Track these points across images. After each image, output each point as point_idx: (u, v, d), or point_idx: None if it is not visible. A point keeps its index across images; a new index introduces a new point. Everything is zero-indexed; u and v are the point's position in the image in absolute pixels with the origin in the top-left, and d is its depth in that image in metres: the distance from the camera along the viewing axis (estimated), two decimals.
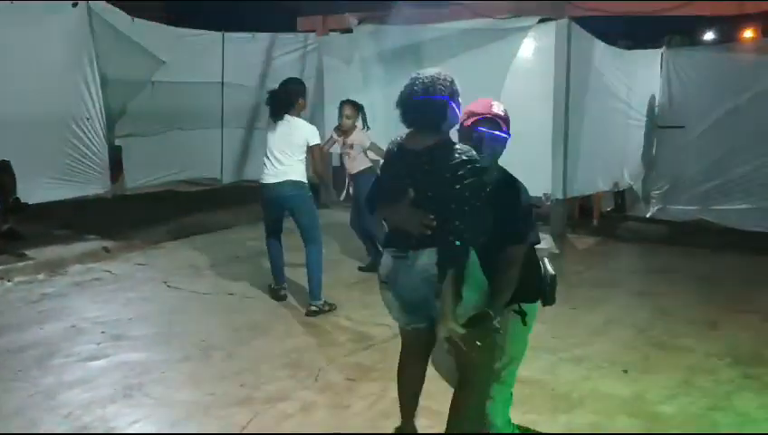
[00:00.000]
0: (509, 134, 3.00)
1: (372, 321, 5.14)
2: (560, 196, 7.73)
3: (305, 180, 5.52)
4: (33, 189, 7.23)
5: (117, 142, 8.53)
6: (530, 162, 7.74)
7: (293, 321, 5.29)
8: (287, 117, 5.50)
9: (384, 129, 7.58)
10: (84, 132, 8.03)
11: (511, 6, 7.63)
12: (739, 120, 7.86)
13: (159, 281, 6.27)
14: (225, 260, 7.03)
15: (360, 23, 8.92)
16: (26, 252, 6.61)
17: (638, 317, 5.37)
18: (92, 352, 4.61)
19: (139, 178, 8.99)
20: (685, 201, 8.43)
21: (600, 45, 7.93)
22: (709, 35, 23.10)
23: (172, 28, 9.15)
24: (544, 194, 7.67)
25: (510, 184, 2.99)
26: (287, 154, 5.43)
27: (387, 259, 2.96)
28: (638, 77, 8.49)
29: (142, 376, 4.23)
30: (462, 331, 2.73)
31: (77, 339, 4.83)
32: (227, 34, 9.83)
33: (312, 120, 6.21)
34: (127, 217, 8.14)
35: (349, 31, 9.12)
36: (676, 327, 5.15)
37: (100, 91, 8.09)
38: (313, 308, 5.42)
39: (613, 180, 8.62)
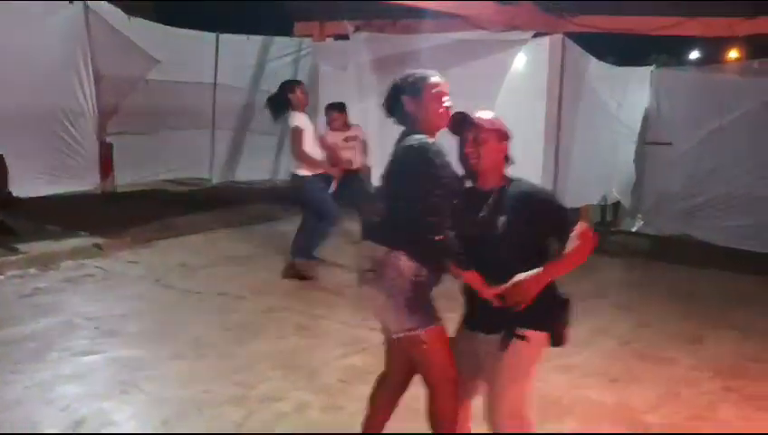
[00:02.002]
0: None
1: (365, 324, 5.24)
2: None
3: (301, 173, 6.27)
4: (24, 184, 7.28)
5: (108, 139, 8.58)
6: (520, 173, 7.97)
7: (286, 323, 5.37)
8: (291, 113, 6.16)
9: (378, 137, 7.77)
10: (76, 128, 8.08)
11: (506, 20, 7.78)
12: (724, 139, 8.03)
13: (151, 279, 6.33)
14: (216, 260, 7.09)
15: (356, 30, 9.03)
16: (18, 246, 6.64)
17: (622, 329, 5.52)
18: (87, 347, 4.67)
19: (129, 175, 9.05)
20: (670, 216, 8.57)
21: (592, 61, 8.11)
22: (695, 54, 23.45)
23: (168, 27, 9.23)
24: None
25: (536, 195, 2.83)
26: None
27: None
28: (628, 93, 8.66)
29: (136, 372, 4.29)
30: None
31: (71, 334, 4.88)
32: (222, 36, 9.92)
33: None
34: (117, 215, 8.18)
35: (345, 37, 9.24)
36: (660, 340, 5.30)
37: (93, 88, 8.15)
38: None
39: (602, 194, 8.78)
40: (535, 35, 7.74)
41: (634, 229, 8.88)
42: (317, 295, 6.11)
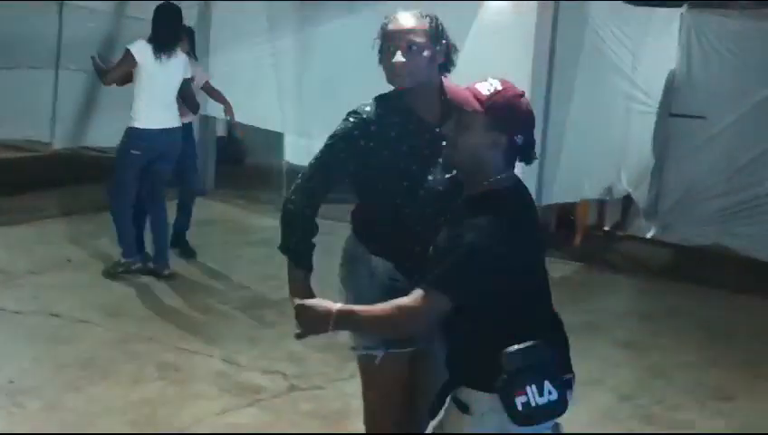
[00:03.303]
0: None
1: (260, 366, 5.20)
2: None
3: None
4: None
5: None
6: None
7: (146, 359, 5.31)
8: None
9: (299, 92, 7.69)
10: None
11: None
12: None
13: None
14: (50, 264, 6.98)
15: None
16: None
17: (623, 377, 5.60)
18: None
19: None
20: (699, 219, 8.64)
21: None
22: None
23: None
24: None
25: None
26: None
27: None
28: (648, 45, 8.71)
29: None
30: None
31: None
32: None
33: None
34: None
35: None
36: (674, 395, 5.38)
37: None
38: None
39: (605, 185, 8.86)
40: None
41: (649, 235, 8.97)
42: (194, 319, 6.05)
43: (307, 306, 2.74)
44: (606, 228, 9.63)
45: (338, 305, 2.73)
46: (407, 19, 3.06)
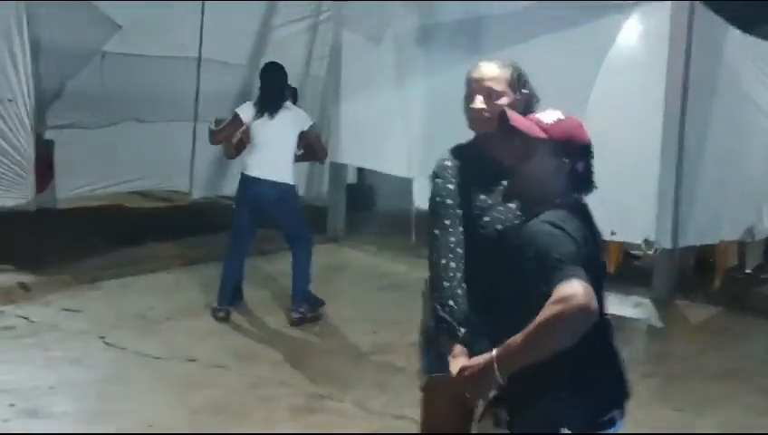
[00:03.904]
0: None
1: (391, 411, 5.18)
2: (667, 244, 7.71)
3: None
4: None
5: (48, 135, 8.68)
6: (626, 194, 7.83)
7: (278, 404, 5.35)
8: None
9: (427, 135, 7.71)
10: (4, 119, 8.18)
11: None
12: None
13: (94, 335, 6.35)
14: (187, 310, 7.12)
15: None
16: None
17: None
18: None
19: (75, 185, 9.11)
20: None
21: (734, 34, 7.95)
22: None
23: None
24: (645, 241, 7.65)
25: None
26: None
27: None
28: None
29: None
30: None
31: None
32: None
33: (322, 120, 6.60)
34: (55, 242, 8.26)
35: None
36: None
37: (29, 64, 8.25)
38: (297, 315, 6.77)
39: (746, 226, 8.57)
40: None
41: None
42: (325, 364, 6.08)
43: (467, 367, 2.67)
44: (747, 271, 9.34)
45: (492, 352, 2.58)
46: (488, 67, 3.11)
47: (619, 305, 7.91)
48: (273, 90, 6.91)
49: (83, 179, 9.18)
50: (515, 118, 2.80)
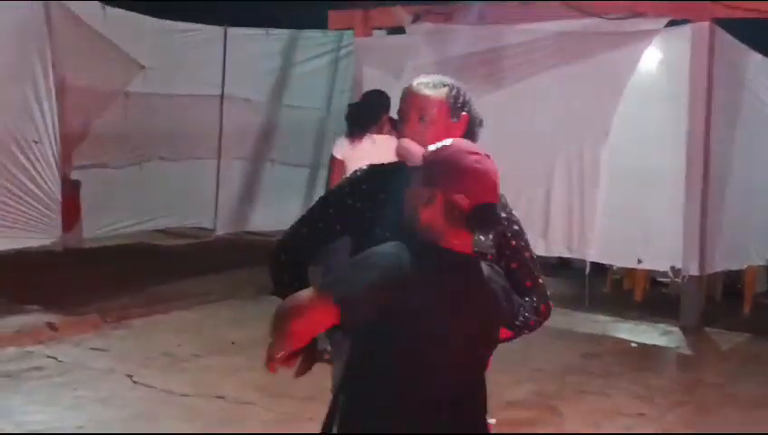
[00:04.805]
0: None
1: None
2: (694, 271, 7.63)
3: None
4: None
5: (74, 175, 8.75)
6: (652, 221, 7.80)
7: None
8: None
9: None
10: (31, 160, 8.23)
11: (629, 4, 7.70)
12: None
13: (122, 374, 6.33)
14: (214, 347, 7.10)
15: (415, 20, 9.06)
16: None
17: None
18: None
19: (101, 224, 9.17)
20: None
21: (755, 59, 7.95)
22: None
23: (156, 20, 9.40)
24: (672, 268, 7.59)
25: None
26: None
27: None
28: None
29: None
30: None
31: None
32: (231, 30, 10.07)
33: None
34: (82, 281, 8.28)
35: (400, 30, 9.26)
36: None
37: (55, 105, 8.32)
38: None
39: None
40: (670, 23, 7.63)
41: None
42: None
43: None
44: None
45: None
46: (425, 86, 2.78)
47: (647, 333, 7.87)
48: (359, 116, 6.61)
49: (109, 218, 9.26)
50: (402, 145, 2.59)
